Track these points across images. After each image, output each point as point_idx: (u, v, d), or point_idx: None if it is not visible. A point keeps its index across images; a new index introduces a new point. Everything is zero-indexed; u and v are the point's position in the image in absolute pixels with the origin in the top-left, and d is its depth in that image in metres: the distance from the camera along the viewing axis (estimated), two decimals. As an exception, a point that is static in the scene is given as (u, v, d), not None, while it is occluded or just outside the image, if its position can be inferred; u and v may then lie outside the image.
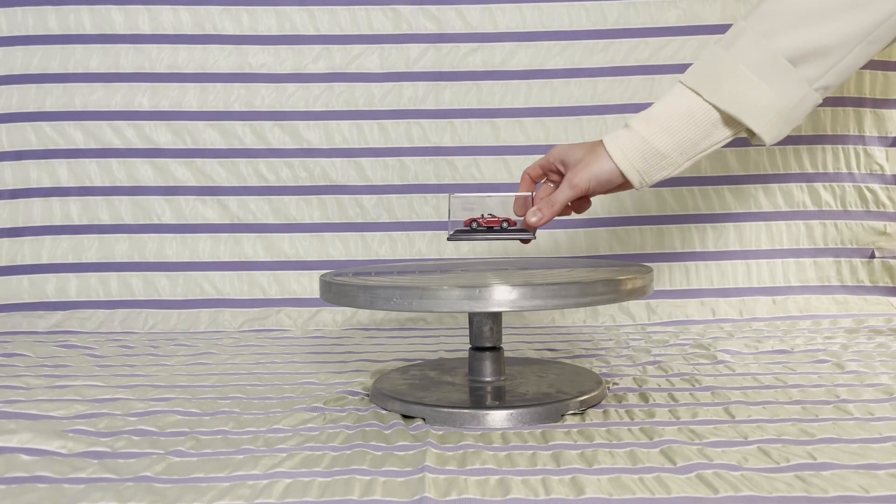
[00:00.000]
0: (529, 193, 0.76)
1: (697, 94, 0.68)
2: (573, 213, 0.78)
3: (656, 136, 0.69)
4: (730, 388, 0.75)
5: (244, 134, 1.19)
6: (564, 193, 0.72)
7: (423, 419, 0.67)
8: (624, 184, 0.72)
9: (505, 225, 0.75)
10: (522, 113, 1.19)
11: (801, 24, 0.66)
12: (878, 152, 1.18)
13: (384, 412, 0.69)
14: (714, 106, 0.68)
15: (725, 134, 0.69)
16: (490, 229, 0.75)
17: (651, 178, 0.70)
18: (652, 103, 0.71)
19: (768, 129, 0.68)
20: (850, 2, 0.66)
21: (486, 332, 0.74)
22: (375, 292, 0.65)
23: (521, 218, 0.74)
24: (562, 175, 0.75)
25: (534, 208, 0.73)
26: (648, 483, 0.52)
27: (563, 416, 0.67)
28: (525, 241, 0.76)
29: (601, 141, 0.72)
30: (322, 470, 0.55)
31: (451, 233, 0.75)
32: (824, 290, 1.17)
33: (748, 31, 0.68)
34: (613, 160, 0.70)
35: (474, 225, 0.75)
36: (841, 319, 1.10)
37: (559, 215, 0.74)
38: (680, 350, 0.93)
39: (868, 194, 1.18)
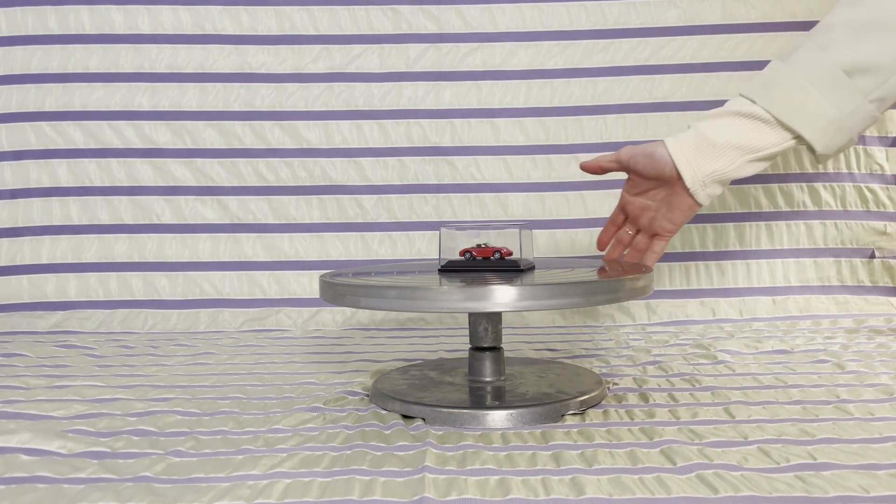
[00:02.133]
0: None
1: (752, 101, 0.72)
2: (647, 259, 0.82)
3: (708, 128, 0.73)
4: (730, 388, 0.75)
5: (244, 134, 1.19)
6: (608, 156, 0.79)
7: (423, 419, 0.67)
8: (678, 181, 0.74)
9: (497, 256, 0.76)
10: (522, 113, 1.19)
11: (857, 37, 0.69)
12: (878, 152, 1.18)
13: (384, 412, 0.69)
14: (766, 110, 0.71)
15: (781, 136, 0.71)
16: (486, 259, 0.76)
17: (701, 168, 0.73)
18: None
19: (819, 137, 0.70)
20: None
21: (486, 333, 0.74)
22: (375, 292, 0.65)
23: (513, 250, 0.77)
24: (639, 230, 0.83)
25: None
26: (648, 483, 0.52)
27: (563, 416, 0.67)
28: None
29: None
30: (322, 470, 0.55)
31: (443, 265, 0.77)
32: (824, 290, 1.17)
33: (806, 43, 0.71)
34: (667, 146, 0.74)
35: (468, 256, 0.76)
36: (841, 319, 1.10)
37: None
38: (680, 350, 0.93)
39: (868, 194, 1.18)
